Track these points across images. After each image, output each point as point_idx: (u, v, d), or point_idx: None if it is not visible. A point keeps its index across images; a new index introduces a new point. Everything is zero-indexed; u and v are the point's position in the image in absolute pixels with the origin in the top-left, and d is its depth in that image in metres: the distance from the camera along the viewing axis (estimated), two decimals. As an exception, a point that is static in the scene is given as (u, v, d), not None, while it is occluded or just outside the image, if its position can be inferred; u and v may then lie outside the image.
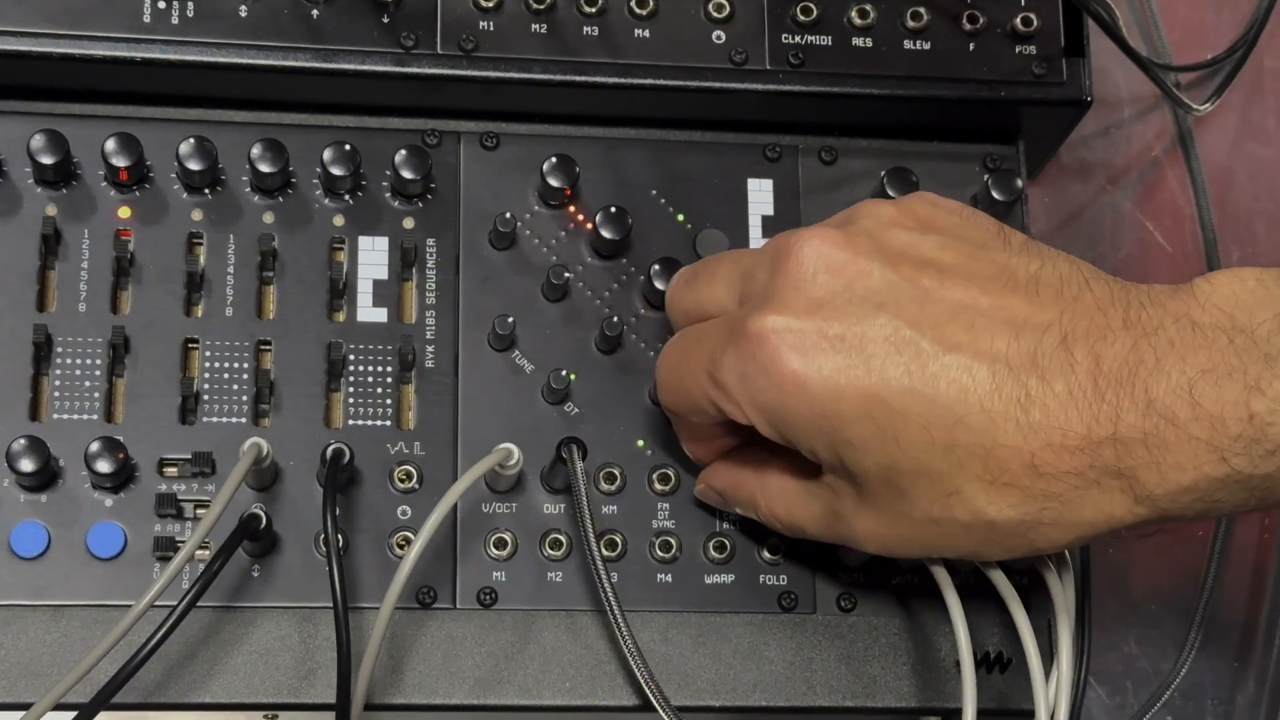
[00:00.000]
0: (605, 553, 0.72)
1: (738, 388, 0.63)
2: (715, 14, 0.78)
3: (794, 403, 0.62)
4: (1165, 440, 0.57)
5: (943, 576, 0.69)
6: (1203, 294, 0.58)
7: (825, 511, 0.66)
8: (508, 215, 0.75)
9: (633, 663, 0.69)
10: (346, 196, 0.76)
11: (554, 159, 0.76)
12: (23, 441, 0.69)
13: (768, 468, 0.68)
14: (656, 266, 0.75)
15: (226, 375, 0.73)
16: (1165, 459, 0.57)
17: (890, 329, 0.61)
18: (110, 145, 0.73)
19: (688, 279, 0.70)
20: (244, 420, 0.72)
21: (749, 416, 0.64)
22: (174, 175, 0.74)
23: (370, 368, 0.74)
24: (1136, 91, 0.92)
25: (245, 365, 0.73)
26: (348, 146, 0.74)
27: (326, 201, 0.75)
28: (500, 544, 0.72)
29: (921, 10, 0.78)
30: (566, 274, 0.75)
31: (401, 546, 0.71)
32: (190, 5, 0.74)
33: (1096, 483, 0.58)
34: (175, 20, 0.74)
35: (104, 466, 0.69)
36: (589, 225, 0.76)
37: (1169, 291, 0.59)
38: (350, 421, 0.73)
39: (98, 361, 0.72)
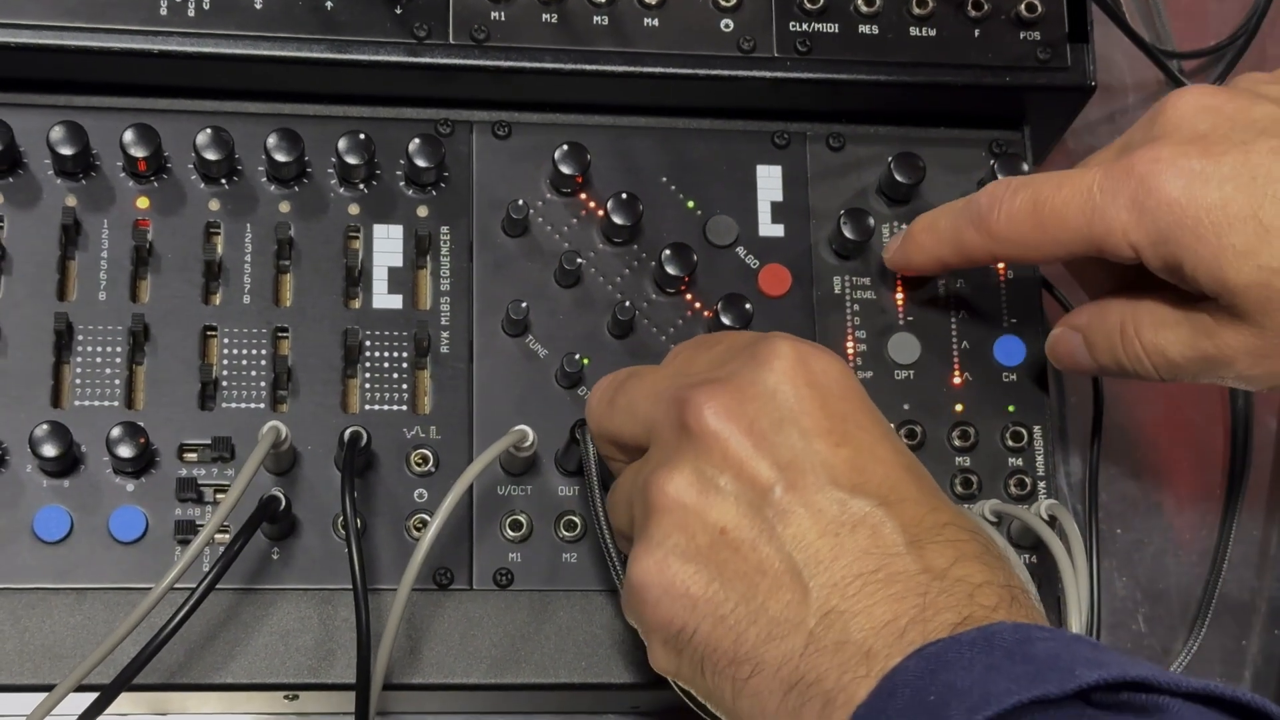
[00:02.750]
0: (619, 533, 0.73)
1: (1126, 223, 0.65)
2: (723, 3, 0.78)
3: (1181, 225, 0.64)
4: None
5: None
6: None
7: (1196, 333, 0.67)
8: (520, 203, 0.76)
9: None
10: (361, 185, 0.77)
11: (565, 147, 0.77)
12: (45, 427, 0.69)
13: (1138, 301, 0.69)
14: (667, 252, 0.76)
15: (245, 362, 0.74)
16: None
17: (1274, 144, 0.63)
18: (128, 136, 0.74)
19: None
20: (262, 406, 0.73)
21: (1134, 244, 0.66)
22: (191, 166, 0.75)
23: (386, 353, 0.75)
24: (1140, 78, 0.93)
25: (263, 352, 0.74)
26: (362, 136, 0.75)
27: (342, 190, 0.76)
28: (516, 526, 0.73)
29: (927, -3, 0.79)
30: (579, 260, 0.76)
31: (418, 529, 0.72)
32: (206, -2, 0.75)
33: None
34: (191, 13, 0.75)
35: (125, 451, 0.70)
36: (600, 212, 0.77)
37: None
38: (367, 406, 0.74)
39: (118, 349, 0.73)
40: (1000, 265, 0.79)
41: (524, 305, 0.75)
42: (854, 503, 0.59)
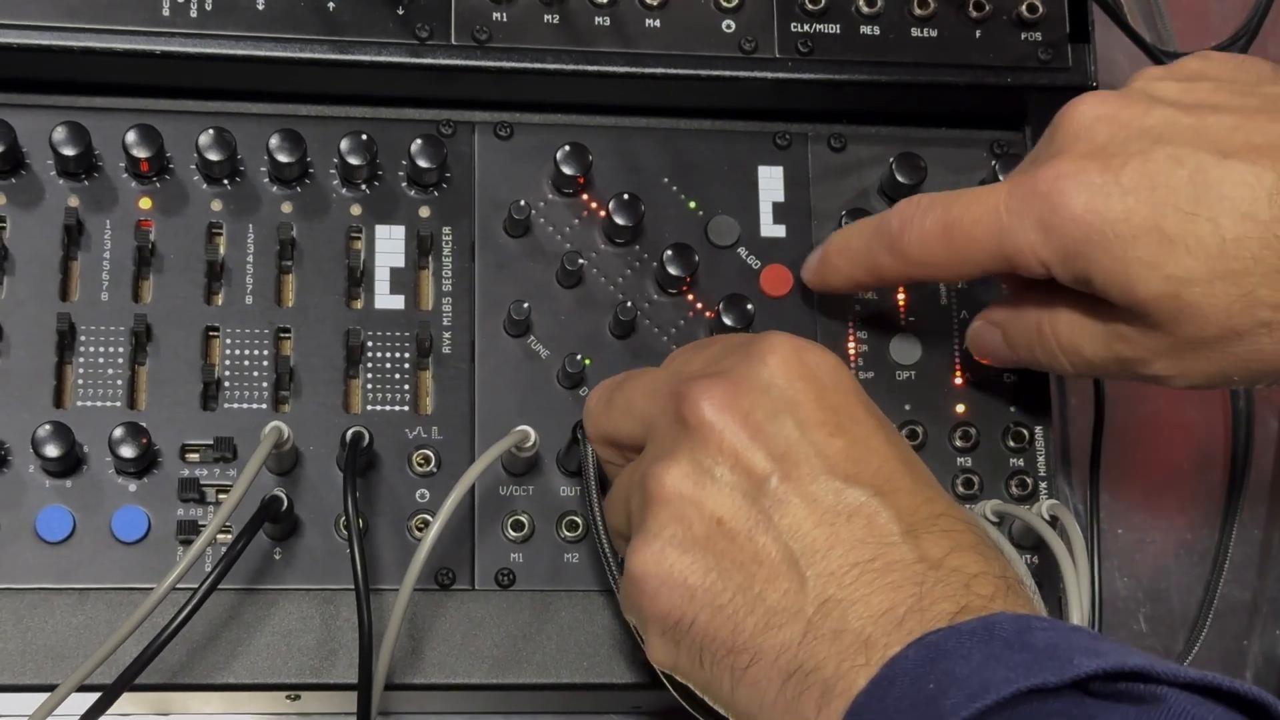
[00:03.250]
0: (620, 534, 0.73)
1: (1033, 239, 0.65)
2: (725, 3, 0.78)
3: (1087, 239, 0.64)
4: None
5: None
6: None
7: (1112, 334, 0.67)
8: (522, 203, 0.76)
9: (644, 647, 0.69)
10: (363, 186, 0.77)
11: (567, 148, 0.77)
12: (48, 428, 0.70)
13: (1054, 297, 0.69)
14: (669, 252, 0.76)
15: (247, 362, 0.74)
16: None
17: (1172, 153, 0.63)
18: (131, 137, 0.74)
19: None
20: (264, 406, 0.73)
21: (1044, 261, 0.66)
22: (194, 166, 0.76)
23: (388, 354, 0.75)
24: (1142, 79, 0.93)
25: (265, 352, 0.74)
26: (364, 137, 0.75)
27: (344, 191, 0.77)
28: (517, 526, 0.73)
29: (928, -2, 0.79)
30: (580, 260, 0.76)
31: (420, 529, 0.72)
32: (208, -1, 0.75)
33: None
34: (194, 14, 0.75)
35: (127, 452, 0.70)
36: (602, 212, 0.77)
37: None
38: (369, 407, 0.74)
39: (120, 349, 0.73)
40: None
41: (526, 306, 0.75)
42: (849, 492, 0.59)
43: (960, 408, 0.78)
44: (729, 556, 0.60)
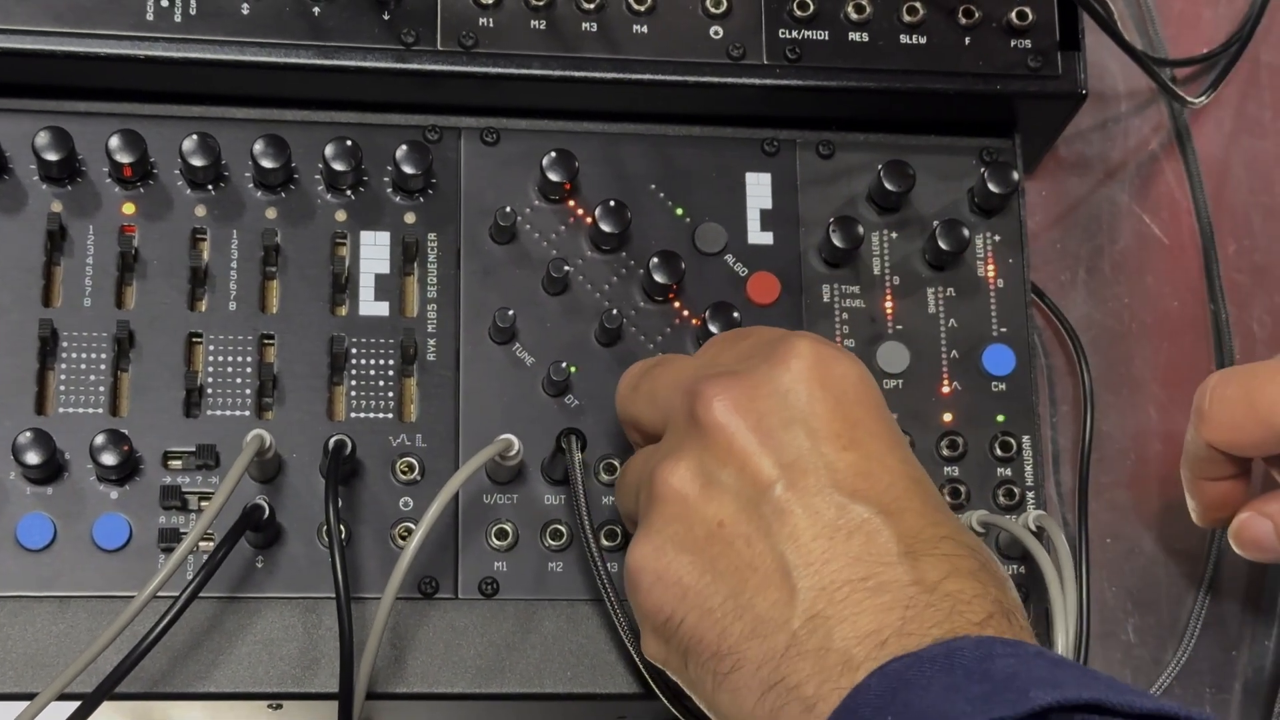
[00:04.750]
0: (605, 543, 0.73)
1: None
2: (713, 9, 0.78)
3: None
4: None
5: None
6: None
7: None
8: (508, 210, 0.76)
9: (632, 650, 0.69)
10: (348, 192, 0.76)
11: (553, 154, 0.77)
12: (29, 434, 0.69)
13: None
14: (655, 260, 0.76)
15: (230, 369, 0.73)
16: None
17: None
18: (114, 142, 0.74)
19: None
20: (247, 413, 0.73)
21: None
22: (177, 171, 0.75)
23: (372, 361, 0.74)
24: (1133, 86, 0.93)
25: (248, 359, 0.73)
26: (349, 142, 0.75)
27: (328, 197, 0.76)
28: (501, 535, 0.73)
29: (917, 4, 0.79)
30: (566, 267, 0.76)
31: (403, 537, 0.72)
32: (193, 3, 0.74)
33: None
34: (178, 18, 0.74)
35: (109, 459, 0.70)
36: (589, 219, 0.77)
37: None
38: (353, 414, 0.74)
39: (103, 355, 0.72)
40: (994, 275, 0.79)
41: (511, 313, 0.74)
42: (853, 508, 0.59)
43: (947, 416, 0.77)
44: (724, 560, 0.60)
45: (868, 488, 0.60)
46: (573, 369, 0.75)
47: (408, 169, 0.75)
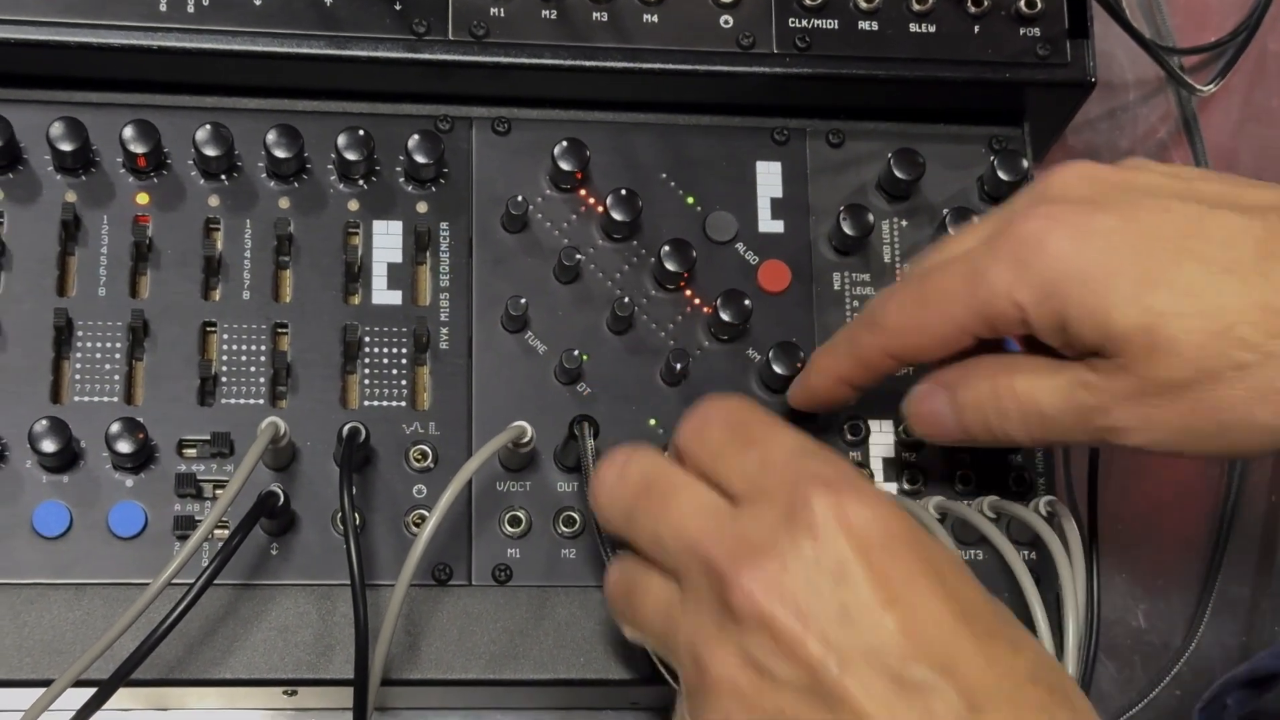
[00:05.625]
0: (617, 529, 0.73)
1: (1011, 283, 0.64)
2: (723, -1, 0.79)
3: (1066, 279, 0.63)
4: None
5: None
6: None
7: (1074, 381, 0.65)
8: (519, 199, 0.76)
9: (645, 637, 0.69)
10: (361, 181, 0.77)
11: (565, 143, 0.77)
12: (45, 423, 0.70)
13: (1008, 356, 0.68)
14: (667, 248, 0.76)
15: (244, 357, 0.74)
16: None
17: (1159, 203, 0.63)
18: (128, 132, 0.74)
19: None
20: (261, 402, 0.73)
21: (1022, 313, 0.64)
22: (191, 162, 0.76)
23: (385, 349, 0.75)
24: (1141, 75, 0.93)
25: (262, 348, 0.74)
26: (361, 132, 0.75)
27: (341, 186, 0.76)
28: (514, 521, 0.73)
29: (926, -7, 0.79)
30: (578, 256, 0.76)
31: (417, 524, 0.72)
32: (205, -6, 0.75)
33: None
34: (191, 9, 0.75)
35: (124, 447, 0.70)
36: (600, 208, 0.77)
37: None
38: (366, 402, 0.74)
39: (117, 344, 0.73)
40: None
41: (523, 301, 0.75)
42: (908, 674, 0.56)
43: (958, 404, 0.77)
44: None
45: (917, 647, 0.57)
46: (585, 357, 0.75)
47: (420, 158, 0.76)
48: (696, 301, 0.77)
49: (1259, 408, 0.61)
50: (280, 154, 0.75)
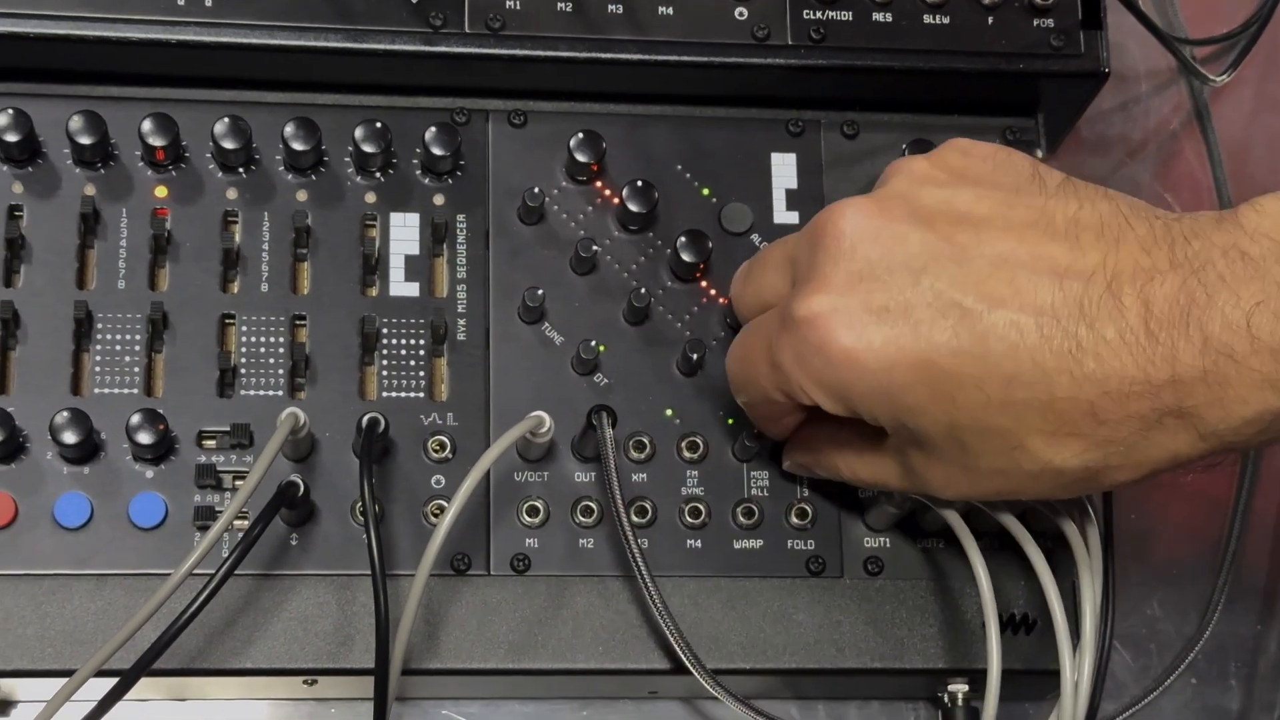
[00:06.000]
0: (635, 519, 0.73)
1: (797, 371, 0.64)
2: (737, -9, 0.79)
3: (850, 377, 0.62)
4: (1225, 377, 0.56)
5: (969, 541, 0.71)
6: (1250, 222, 0.58)
7: (901, 469, 0.66)
8: (536, 190, 0.76)
9: (665, 626, 0.70)
10: (378, 174, 0.77)
11: (581, 135, 0.77)
12: (65, 414, 0.70)
13: (842, 435, 0.69)
14: (682, 239, 0.76)
15: (263, 349, 0.74)
16: (1227, 395, 0.57)
17: (933, 293, 0.61)
18: (147, 126, 0.74)
19: (744, 273, 0.73)
20: (280, 393, 0.73)
21: (812, 396, 0.65)
22: (209, 155, 0.76)
23: (403, 341, 0.75)
24: (1153, 66, 0.93)
25: (281, 339, 0.74)
26: (379, 125, 0.76)
27: (358, 179, 0.77)
28: (533, 512, 0.73)
29: (940, -15, 0.80)
30: (594, 247, 0.76)
31: (436, 515, 0.73)
32: (223, -12, 0.75)
33: (1159, 424, 0.58)
34: (209, 3, 0.75)
35: (145, 438, 0.70)
36: (616, 200, 0.78)
37: (1214, 221, 0.59)
38: (384, 394, 0.74)
39: (137, 337, 0.73)
40: None
41: (540, 292, 0.75)
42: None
43: (973, 393, 0.78)
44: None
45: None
46: (601, 348, 0.76)
47: (436, 151, 0.76)
48: (712, 292, 0.78)
49: (1044, 492, 0.64)
50: (298, 147, 0.75)
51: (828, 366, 0.63)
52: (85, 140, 0.74)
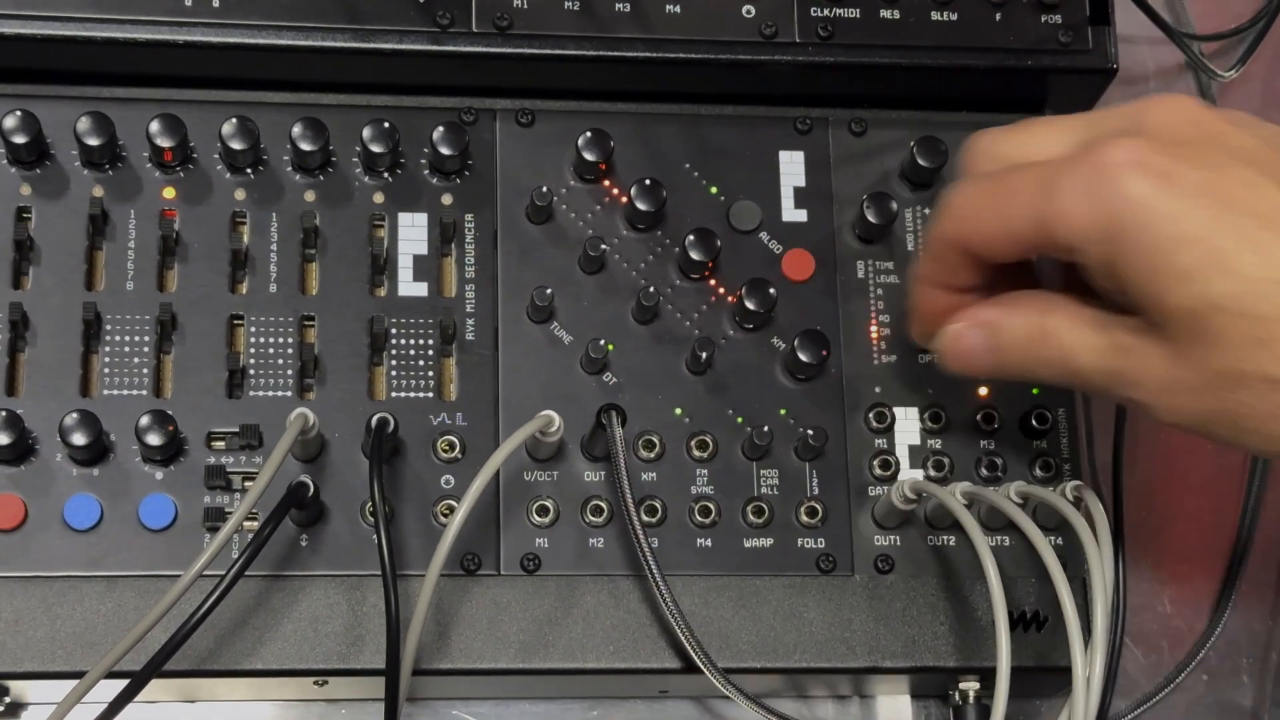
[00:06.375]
0: (645, 518, 0.73)
1: (1079, 209, 0.62)
2: (745, -12, 0.79)
3: (1134, 226, 0.61)
4: None
5: (979, 538, 0.70)
6: None
7: (1114, 351, 0.64)
8: (544, 190, 0.76)
9: (675, 625, 0.70)
10: (386, 174, 0.77)
11: (588, 134, 0.77)
12: (75, 416, 0.70)
13: (1054, 297, 0.67)
14: (691, 238, 0.76)
15: (271, 350, 0.74)
16: None
17: (1251, 177, 0.61)
18: (154, 127, 0.74)
19: (1009, 129, 0.69)
20: (289, 394, 0.73)
21: (1080, 237, 0.62)
22: (217, 155, 0.76)
23: (412, 341, 0.75)
24: (1161, 62, 0.93)
25: (290, 340, 0.74)
26: (387, 125, 0.76)
27: (366, 179, 0.77)
28: (542, 511, 0.73)
29: (948, -19, 0.80)
30: (603, 246, 0.76)
31: (446, 515, 0.73)
32: (230, -12, 0.75)
33: None
34: (216, 4, 0.75)
35: (154, 440, 0.70)
36: (624, 198, 0.78)
37: None
38: (393, 394, 0.74)
39: (146, 338, 0.73)
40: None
41: (548, 292, 0.75)
42: None
43: (983, 391, 0.78)
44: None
45: None
46: (610, 346, 0.76)
47: (444, 150, 0.76)
48: (721, 291, 0.78)
49: (1275, 423, 0.61)
50: (306, 147, 0.75)
51: (1123, 204, 0.61)
52: (93, 141, 0.74)
